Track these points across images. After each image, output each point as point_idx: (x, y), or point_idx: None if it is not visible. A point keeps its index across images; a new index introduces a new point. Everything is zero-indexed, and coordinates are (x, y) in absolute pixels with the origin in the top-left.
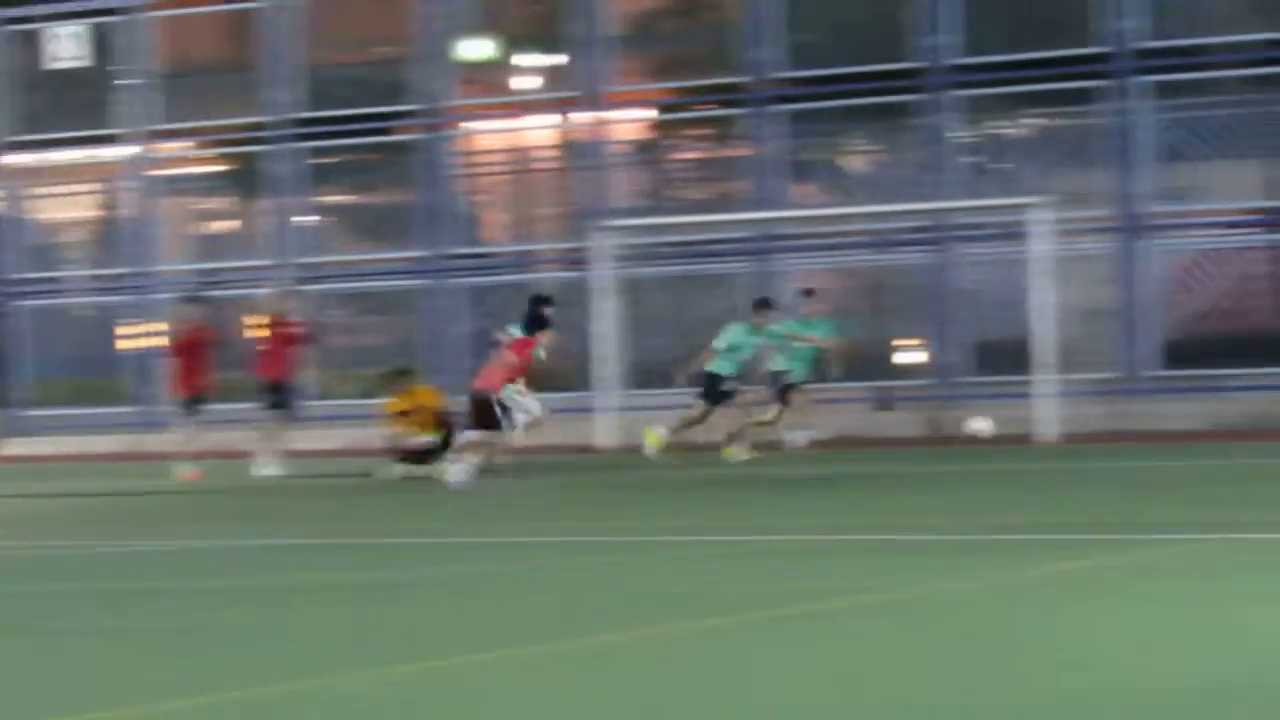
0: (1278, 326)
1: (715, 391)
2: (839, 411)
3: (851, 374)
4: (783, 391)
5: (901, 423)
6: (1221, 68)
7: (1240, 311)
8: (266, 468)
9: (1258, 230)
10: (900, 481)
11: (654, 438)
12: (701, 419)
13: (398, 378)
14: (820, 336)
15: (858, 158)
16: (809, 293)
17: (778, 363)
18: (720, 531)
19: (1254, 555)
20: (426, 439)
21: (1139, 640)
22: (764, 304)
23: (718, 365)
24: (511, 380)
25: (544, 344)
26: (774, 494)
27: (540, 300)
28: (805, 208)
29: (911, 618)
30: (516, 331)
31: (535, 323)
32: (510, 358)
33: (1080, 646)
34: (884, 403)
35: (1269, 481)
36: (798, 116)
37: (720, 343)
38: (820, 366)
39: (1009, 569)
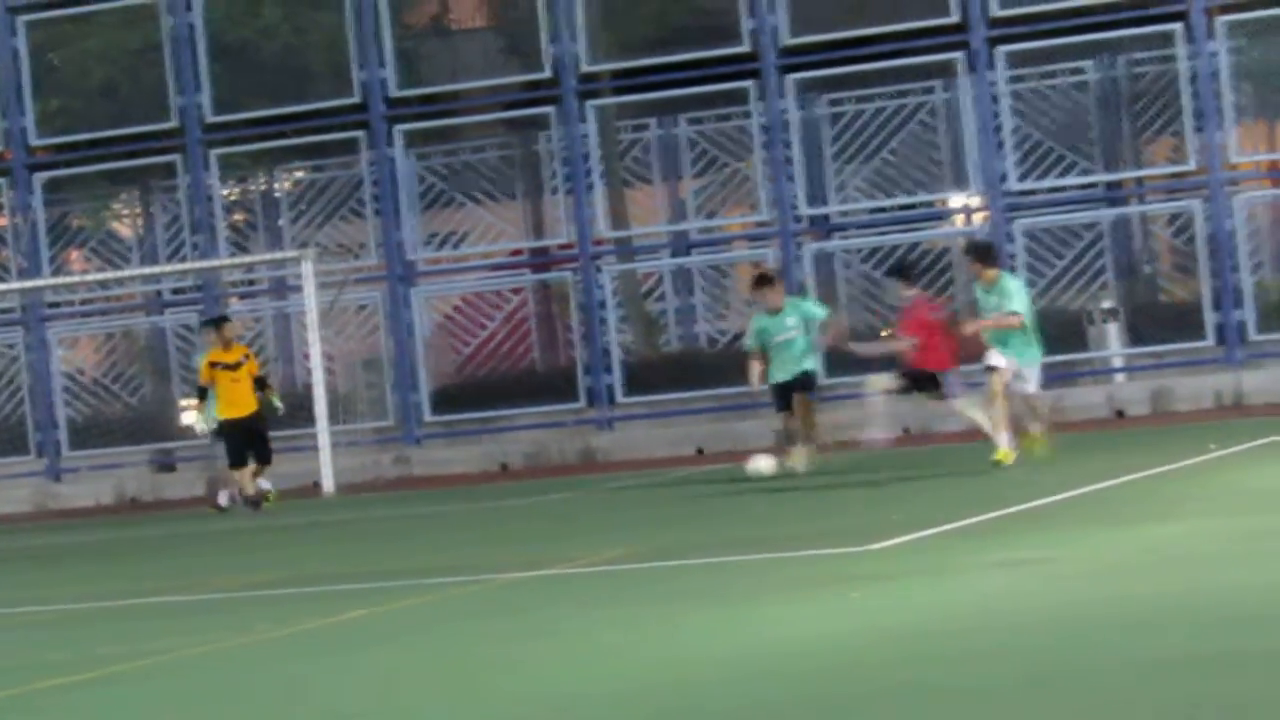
0: (547, 365)
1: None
2: (120, 477)
3: (133, 436)
4: None
5: (182, 483)
6: (478, 111)
7: (511, 352)
8: None
9: (524, 270)
10: (179, 543)
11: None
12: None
13: None
14: None
15: (123, 220)
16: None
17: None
18: None
19: (512, 596)
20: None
21: (397, 688)
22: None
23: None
24: None
25: None
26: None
27: None
28: (72, 274)
29: (170, 681)
30: None
31: None
32: None
33: (343, 698)
34: (164, 465)
35: (529, 519)
36: (57, 183)
37: (751, 340)
38: None
39: (278, 624)
